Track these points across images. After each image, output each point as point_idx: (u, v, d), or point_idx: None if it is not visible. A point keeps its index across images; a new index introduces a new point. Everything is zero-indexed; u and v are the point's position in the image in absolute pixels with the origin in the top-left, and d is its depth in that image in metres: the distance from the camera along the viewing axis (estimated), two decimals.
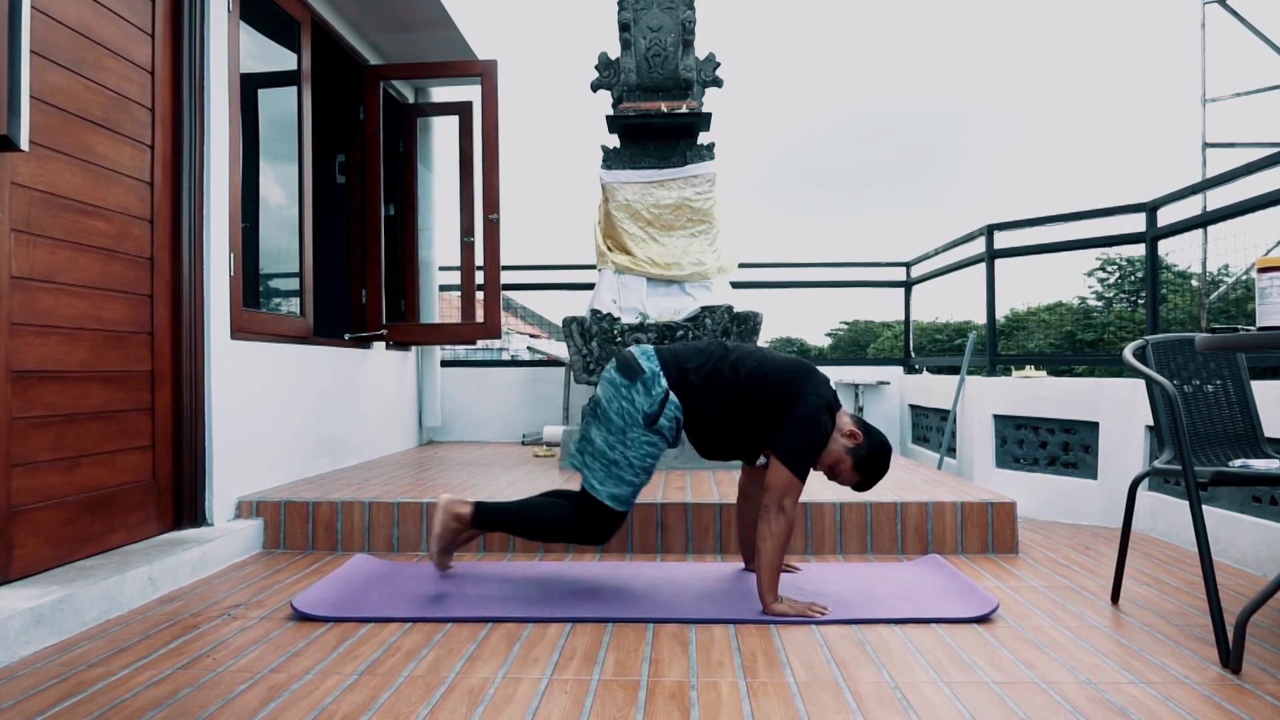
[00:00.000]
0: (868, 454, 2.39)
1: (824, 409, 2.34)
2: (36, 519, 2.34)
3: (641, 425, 2.36)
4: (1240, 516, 2.87)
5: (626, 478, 2.38)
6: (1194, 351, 2.48)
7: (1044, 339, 14.19)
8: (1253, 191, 3.19)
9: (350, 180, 4.88)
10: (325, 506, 3.15)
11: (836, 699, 1.73)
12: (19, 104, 1.89)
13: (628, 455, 2.37)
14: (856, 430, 2.39)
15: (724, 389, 2.38)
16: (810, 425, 2.31)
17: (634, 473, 2.38)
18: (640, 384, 2.38)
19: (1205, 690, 1.77)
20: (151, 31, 2.91)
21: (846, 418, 2.42)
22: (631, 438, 2.37)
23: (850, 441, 2.38)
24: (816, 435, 2.32)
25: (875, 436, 2.41)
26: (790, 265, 6.30)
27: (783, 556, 2.29)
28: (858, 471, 2.40)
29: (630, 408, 2.37)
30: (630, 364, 2.41)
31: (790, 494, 2.27)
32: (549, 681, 1.82)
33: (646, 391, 2.37)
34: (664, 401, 2.36)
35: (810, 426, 2.31)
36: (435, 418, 5.54)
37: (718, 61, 4.43)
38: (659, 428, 2.38)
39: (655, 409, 2.36)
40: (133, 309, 2.78)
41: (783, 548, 2.27)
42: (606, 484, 2.38)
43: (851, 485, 2.44)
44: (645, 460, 2.39)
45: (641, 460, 2.38)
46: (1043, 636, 2.12)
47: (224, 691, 1.77)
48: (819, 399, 2.34)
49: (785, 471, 2.27)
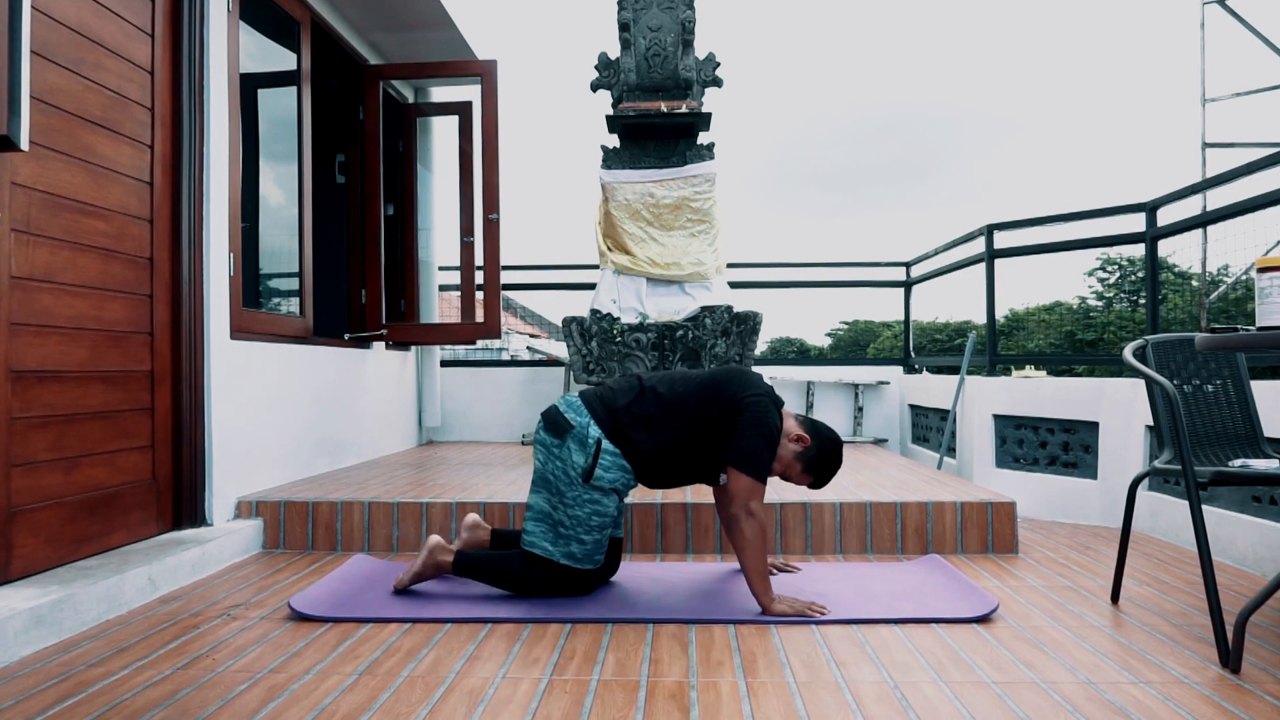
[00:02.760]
0: (817, 455, 2.37)
1: (769, 406, 2.32)
2: (36, 519, 2.34)
3: (580, 484, 2.30)
4: (1240, 516, 2.87)
5: (579, 535, 2.31)
6: (1194, 351, 2.48)
7: (1044, 339, 14.19)
8: (1252, 191, 3.19)
9: (350, 180, 4.88)
10: (325, 506, 3.15)
11: (836, 699, 1.73)
12: (19, 104, 1.89)
13: (573, 514, 2.30)
14: (804, 434, 2.37)
15: (661, 419, 2.32)
16: (759, 424, 2.28)
17: (585, 530, 2.31)
18: (571, 440, 2.31)
19: (1205, 690, 1.77)
20: (151, 31, 2.91)
21: (792, 420, 2.40)
22: (571, 497, 2.30)
23: (799, 446, 2.37)
24: (768, 433, 2.29)
25: (824, 435, 2.40)
26: (790, 265, 6.30)
27: (765, 558, 2.28)
28: (809, 474, 2.40)
29: (565, 467, 2.31)
30: (556, 420, 2.34)
31: (754, 498, 2.26)
32: (549, 682, 1.82)
33: (580, 446, 2.30)
34: (597, 452, 2.29)
35: (759, 425, 2.28)
36: (435, 418, 5.54)
37: (717, 61, 4.43)
38: (598, 481, 2.29)
39: (590, 462, 2.29)
40: (132, 309, 2.78)
41: (762, 550, 2.25)
42: (558, 544, 2.32)
43: (806, 485, 2.44)
44: (594, 519, 2.31)
45: (589, 518, 2.31)
46: (1042, 636, 2.12)
47: (224, 691, 1.77)
48: (761, 397, 2.32)
49: (744, 478, 2.25)
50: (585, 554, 2.34)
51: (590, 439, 2.31)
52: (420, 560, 2.47)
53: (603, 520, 2.34)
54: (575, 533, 2.32)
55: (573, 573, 2.36)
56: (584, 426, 2.33)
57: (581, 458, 2.30)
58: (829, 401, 5.84)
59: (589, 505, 2.31)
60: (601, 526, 2.34)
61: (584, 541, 2.32)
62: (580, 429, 2.32)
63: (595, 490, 2.31)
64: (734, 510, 2.25)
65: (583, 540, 2.32)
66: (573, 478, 2.30)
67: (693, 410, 2.33)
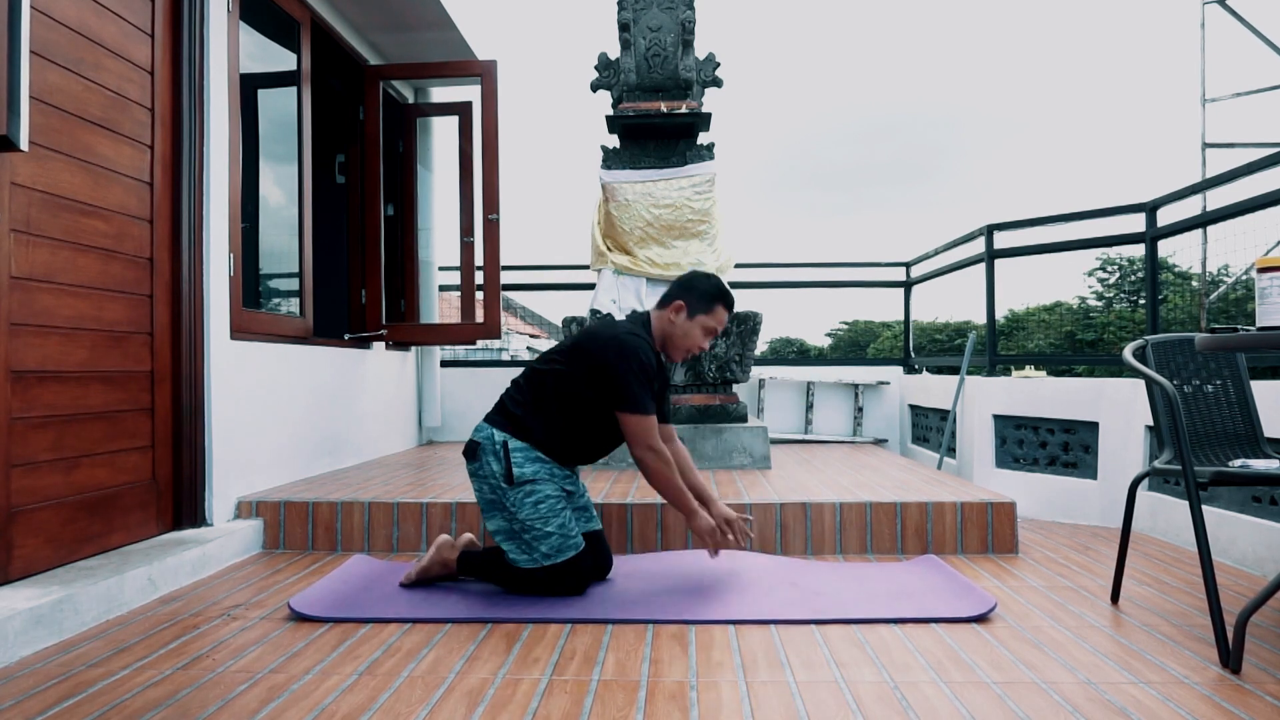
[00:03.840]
0: (698, 297, 2.45)
1: (624, 337, 2.37)
2: (36, 519, 2.34)
3: (508, 488, 2.35)
4: (1240, 516, 2.87)
5: (541, 530, 2.34)
6: (1194, 351, 2.48)
7: (1044, 339, 14.20)
8: (1252, 191, 3.19)
9: (350, 180, 4.87)
10: (325, 507, 3.15)
11: (836, 699, 1.73)
12: (19, 104, 1.89)
13: (522, 517, 2.34)
14: (677, 303, 2.45)
15: (545, 402, 2.40)
16: (622, 360, 2.33)
17: (543, 522, 2.34)
18: (481, 455, 2.39)
19: (1205, 690, 1.77)
20: (151, 31, 2.91)
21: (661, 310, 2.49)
22: (511, 503, 2.35)
23: (680, 314, 2.45)
24: (635, 366, 2.33)
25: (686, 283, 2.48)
26: (790, 265, 6.30)
27: (677, 482, 2.38)
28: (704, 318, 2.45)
29: (490, 481, 2.37)
30: (469, 447, 2.43)
31: (648, 435, 2.33)
32: (549, 682, 1.82)
33: (493, 456, 2.37)
34: (506, 453, 2.36)
35: (622, 361, 2.32)
36: (435, 418, 5.54)
37: (717, 61, 4.43)
38: (521, 477, 2.34)
39: (504, 465, 2.35)
40: (132, 309, 2.78)
41: (671, 477, 2.36)
42: (530, 552, 2.35)
43: (717, 333, 2.49)
44: (541, 506, 2.35)
45: (536, 509, 2.34)
46: (1042, 636, 2.12)
47: (224, 692, 1.77)
48: (613, 338, 2.38)
49: (630, 418, 2.32)
50: (556, 546, 2.36)
51: (497, 444, 2.38)
52: (428, 557, 2.52)
53: (552, 504, 2.36)
54: (535, 530, 2.35)
55: (558, 568, 2.37)
56: (489, 438, 2.41)
57: (497, 465, 2.37)
58: (829, 401, 5.84)
59: (529, 500, 2.35)
60: (554, 511, 2.36)
61: (549, 534, 2.35)
62: (486, 441, 2.40)
63: (524, 484, 2.35)
64: (636, 453, 2.35)
65: (547, 534, 2.35)
66: (501, 486, 2.36)
67: (573, 383, 2.40)
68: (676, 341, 2.48)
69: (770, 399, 5.83)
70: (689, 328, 2.46)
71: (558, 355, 2.46)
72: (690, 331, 2.46)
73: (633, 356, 2.34)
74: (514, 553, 2.38)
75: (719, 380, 4.14)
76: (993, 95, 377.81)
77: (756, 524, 3.06)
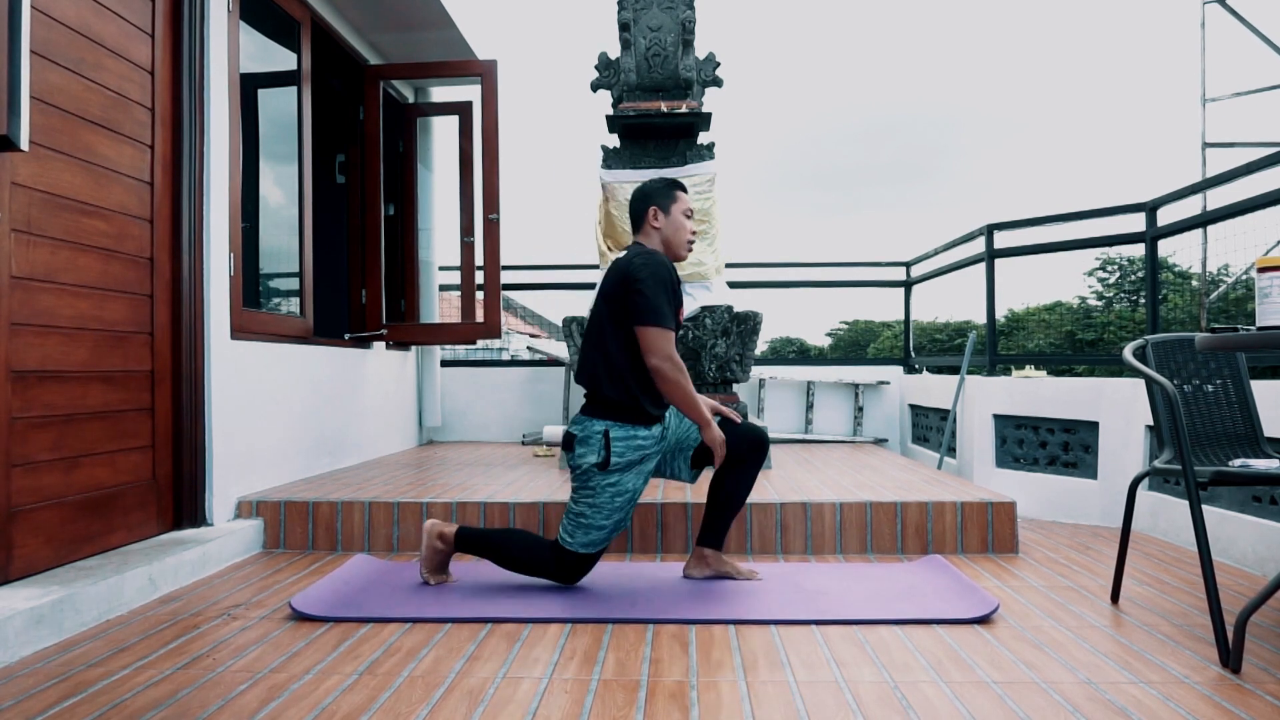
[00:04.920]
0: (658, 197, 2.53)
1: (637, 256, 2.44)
2: (36, 519, 2.34)
3: (598, 473, 2.41)
4: (1240, 516, 2.87)
5: (598, 522, 2.41)
6: (1194, 351, 2.48)
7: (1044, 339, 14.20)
8: (1253, 191, 3.19)
9: (350, 180, 4.87)
10: (325, 506, 3.15)
11: (836, 699, 1.73)
12: (19, 104, 1.88)
13: (595, 502, 2.41)
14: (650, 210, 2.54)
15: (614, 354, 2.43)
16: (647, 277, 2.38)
17: (604, 515, 2.41)
18: (578, 446, 2.44)
19: (1205, 690, 1.77)
20: (151, 31, 2.91)
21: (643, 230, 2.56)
22: (594, 485, 2.42)
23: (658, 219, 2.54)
24: (656, 276, 2.39)
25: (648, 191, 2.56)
26: (790, 265, 6.30)
27: (691, 390, 2.39)
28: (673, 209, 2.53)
29: (584, 465, 2.43)
30: (565, 438, 2.50)
31: (668, 346, 2.36)
32: (549, 681, 1.82)
33: (589, 447, 2.42)
34: (606, 442, 2.40)
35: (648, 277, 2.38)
36: (435, 417, 5.54)
37: (718, 61, 4.43)
38: (619, 463, 2.40)
39: (602, 454, 2.40)
40: (133, 309, 2.78)
41: (686, 385, 2.38)
42: (576, 535, 2.43)
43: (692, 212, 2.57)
44: (615, 500, 2.42)
45: (611, 502, 2.41)
46: (1043, 636, 2.12)
47: (224, 691, 1.77)
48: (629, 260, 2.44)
49: (649, 330, 2.36)
50: (596, 541, 2.43)
51: (594, 436, 2.43)
52: (424, 545, 2.56)
53: (625, 501, 2.43)
54: (594, 519, 2.41)
55: (578, 557, 2.44)
56: (585, 426, 2.45)
57: (594, 456, 2.41)
58: (829, 401, 5.84)
59: (611, 489, 2.41)
60: (621, 507, 2.42)
61: (601, 527, 2.42)
62: (582, 431, 2.45)
63: (614, 473, 2.41)
64: (653, 362, 2.37)
65: (600, 526, 2.42)
66: (591, 471, 2.41)
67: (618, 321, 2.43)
68: (673, 239, 2.55)
69: (770, 399, 5.83)
70: (674, 223, 2.54)
71: (599, 305, 2.50)
72: (678, 224, 2.55)
73: (656, 268, 2.41)
74: (565, 526, 2.46)
75: (719, 380, 4.14)
76: (993, 95, 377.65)
77: (757, 525, 3.06)
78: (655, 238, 2.55)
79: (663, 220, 2.54)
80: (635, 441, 2.43)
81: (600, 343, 2.47)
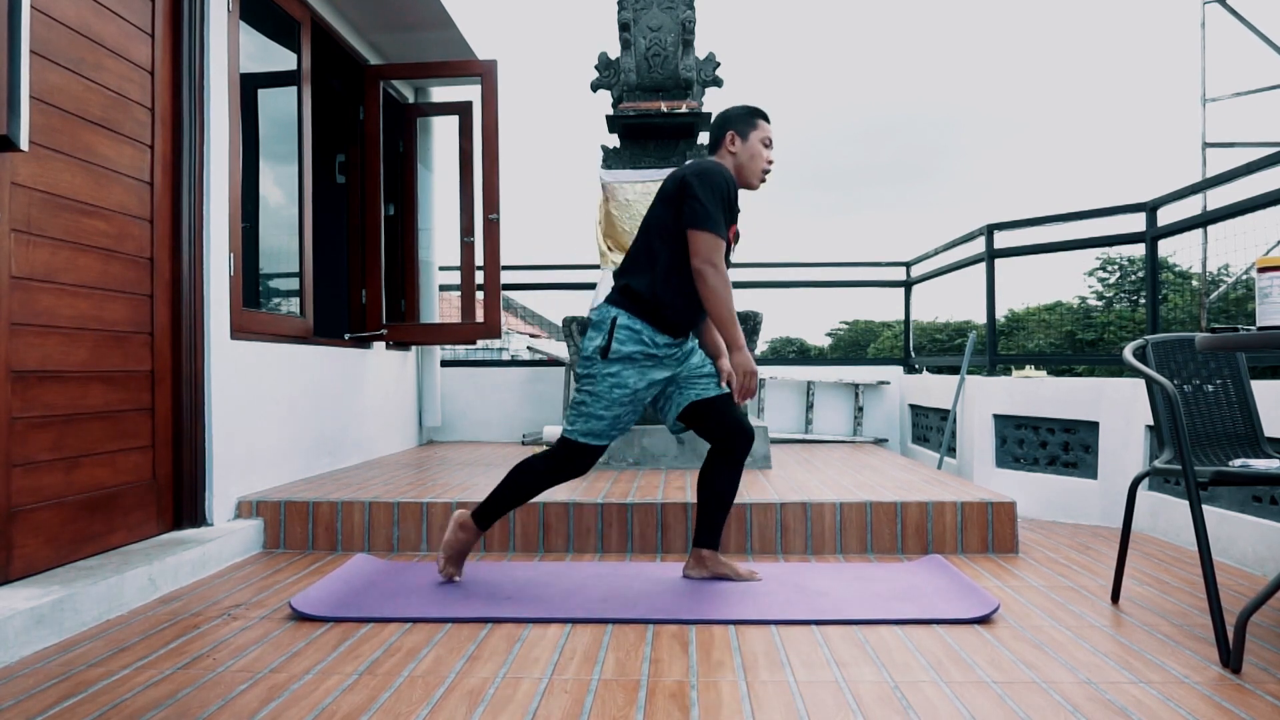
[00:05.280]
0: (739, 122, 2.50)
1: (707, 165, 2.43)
2: (36, 519, 2.34)
3: (600, 361, 2.42)
4: (1240, 516, 2.87)
5: (597, 412, 2.42)
6: (1194, 351, 2.48)
7: (1044, 339, 14.20)
8: (1253, 191, 3.19)
9: (350, 180, 4.87)
10: (325, 506, 3.15)
11: (837, 699, 1.73)
12: (19, 104, 1.88)
13: (594, 391, 2.42)
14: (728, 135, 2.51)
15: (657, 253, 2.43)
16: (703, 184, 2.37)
17: (604, 406, 2.41)
18: (590, 330, 2.47)
19: (1205, 690, 1.77)
20: (151, 31, 2.91)
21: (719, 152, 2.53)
22: (595, 373, 2.43)
23: (734, 144, 2.51)
24: (713, 184, 2.38)
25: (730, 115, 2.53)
26: (790, 265, 6.30)
27: (732, 305, 2.37)
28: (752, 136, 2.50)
29: (589, 350, 2.45)
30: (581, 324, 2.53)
31: (714, 251, 2.34)
32: (549, 682, 1.82)
33: (599, 332, 2.43)
34: (612, 327, 2.41)
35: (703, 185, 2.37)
36: (435, 417, 5.54)
37: (718, 61, 4.43)
38: (619, 353, 2.40)
39: (606, 339, 2.41)
40: (133, 309, 2.78)
41: (729, 299, 2.36)
42: (577, 423, 2.44)
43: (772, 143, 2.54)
44: (614, 392, 2.41)
45: (609, 393, 2.41)
46: (1043, 636, 2.12)
47: (224, 691, 1.77)
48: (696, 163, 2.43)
49: (699, 235, 2.35)
50: (595, 431, 2.43)
51: (605, 321, 2.43)
52: (450, 530, 2.60)
53: (622, 396, 2.41)
54: (593, 409, 2.42)
55: (580, 447, 2.45)
56: (602, 310, 2.47)
57: (599, 339, 2.42)
58: (829, 401, 5.84)
59: (610, 381, 2.41)
60: (620, 402, 2.41)
61: (600, 418, 2.42)
62: (599, 314, 2.46)
63: (615, 363, 2.40)
64: (698, 264, 2.35)
65: (599, 417, 2.42)
66: (594, 359, 2.43)
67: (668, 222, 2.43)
68: (747, 166, 2.52)
69: (770, 399, 5.83)
70: (750, 149, 2.51)
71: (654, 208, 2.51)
72: (755, 152, 2.51)
73: (714, 176, 2.40)
74: (569, 418, 2.48)
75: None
76: (992, 95, 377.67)
77: (757, 524, 3.06)
78: (729, 162, 2.54)
79: (739, 145, 2.51)
80: (640, 335, 2.41)
81: (646, 244, 2.47)
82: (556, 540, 3.09)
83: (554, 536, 3.10)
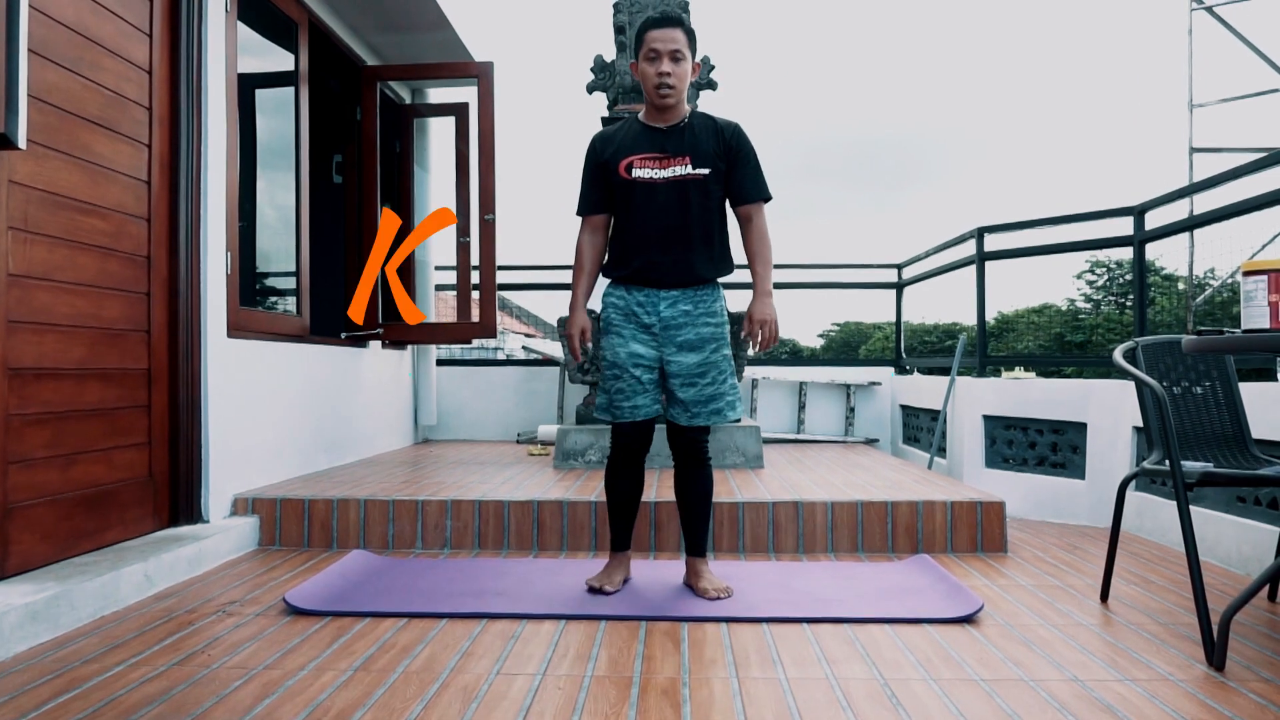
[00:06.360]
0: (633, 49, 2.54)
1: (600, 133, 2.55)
2: (32, 515, 2.34)
3: (602, 334, 2.52)
4: (1226, 516, 2.90)
5: (604, 385, 2.48)
6: (1182, 353, 2.51)
7: (1033, 340, 14.27)
8: (1239, 195, 3.22)
9: (347, 180, 4.88)
10: (321, 504, 3.16)
11: (827, 696, 1.75)
12: (17, 103, 1.89)
13: (601, 367, 2.51)
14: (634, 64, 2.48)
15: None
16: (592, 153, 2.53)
17: (605, 380, 2.47)
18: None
19: (1190, 688, 1.80)
20: (149, 31, 2.91)
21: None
22: (601, 348, 2.53)
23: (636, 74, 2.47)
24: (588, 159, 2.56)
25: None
26: (782, 266, 6.33)
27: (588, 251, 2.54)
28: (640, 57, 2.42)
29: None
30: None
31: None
32: (543, 678, 1.84)
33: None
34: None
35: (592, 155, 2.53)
36: (431, 416, 5.55)
37: (712, 64, 4.45)
38: (605, 325, 2.48)
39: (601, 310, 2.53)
40: (130, 307, 2.79)
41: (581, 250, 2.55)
42: (600, 398, 2.52)
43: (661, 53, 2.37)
44: (605, 357, 2.47)
45: (606, 367, 2.47)
46: (1031, 635, 2.15)
47: (219, 688, 1.78)
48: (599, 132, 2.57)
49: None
50: (602, 404, 2.50)
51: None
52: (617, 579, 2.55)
53: (612, 360, 2.45)
54: (601, 383, 2.51)
55: (611, 428, 2.52)
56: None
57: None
58: (821, 402, 5.87)
59: (604, 352, 2.49)
60: (615, 377, 2.44)
61: (604, 391, 2.49)
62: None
63: (606, 334, 2.49)
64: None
65: (604, 390, 2.49)
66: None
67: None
68: (646, 90, 2.43)
69: (763, 399, 5.86)
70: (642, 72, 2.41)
71: None
72: (644, 73, 2.40)
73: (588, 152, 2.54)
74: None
75: None
76: (984, 99, 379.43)
77: (749, 524, 3.09)
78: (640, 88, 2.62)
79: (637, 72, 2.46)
80: (610, 299, 2.50)
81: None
82: (551, 538, 3.11)
83: (548, 534, 3.11)
